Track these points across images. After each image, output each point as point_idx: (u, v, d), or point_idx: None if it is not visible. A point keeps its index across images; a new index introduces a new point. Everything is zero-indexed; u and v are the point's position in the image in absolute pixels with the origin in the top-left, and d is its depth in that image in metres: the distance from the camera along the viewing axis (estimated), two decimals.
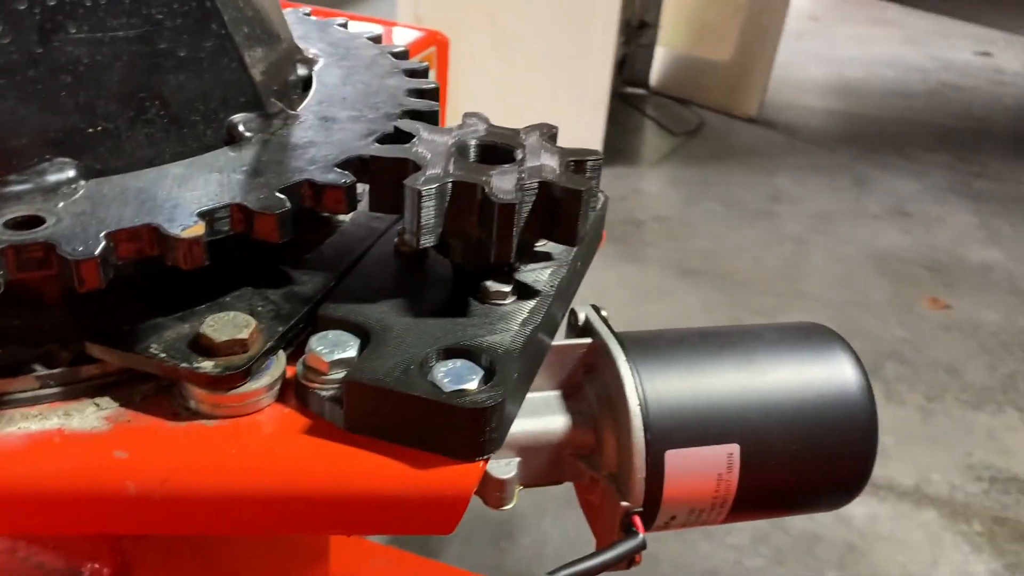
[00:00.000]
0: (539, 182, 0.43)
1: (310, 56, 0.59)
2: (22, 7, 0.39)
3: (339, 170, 0.44)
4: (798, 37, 4.37)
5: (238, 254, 0.45)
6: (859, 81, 4.06)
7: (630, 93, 3.61)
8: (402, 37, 1.21)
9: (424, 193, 0.41)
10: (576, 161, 0.46)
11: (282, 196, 0.41)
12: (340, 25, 0.66)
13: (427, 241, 0.43)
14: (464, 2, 2.95)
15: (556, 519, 1.66)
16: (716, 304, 2.40)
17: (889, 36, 4.72)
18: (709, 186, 3.03)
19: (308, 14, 0.68)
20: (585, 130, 3.02)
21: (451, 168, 0.44)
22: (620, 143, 3.23)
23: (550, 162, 0.46)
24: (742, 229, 2.79)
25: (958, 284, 2.58)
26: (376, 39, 0.64)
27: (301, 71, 0.57)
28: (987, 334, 2.38)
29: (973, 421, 2.07)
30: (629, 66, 3.53)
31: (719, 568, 1.63)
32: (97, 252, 0.36)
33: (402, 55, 0.61)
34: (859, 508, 1.79)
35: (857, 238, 2.77)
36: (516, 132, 0.49)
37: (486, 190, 0.42)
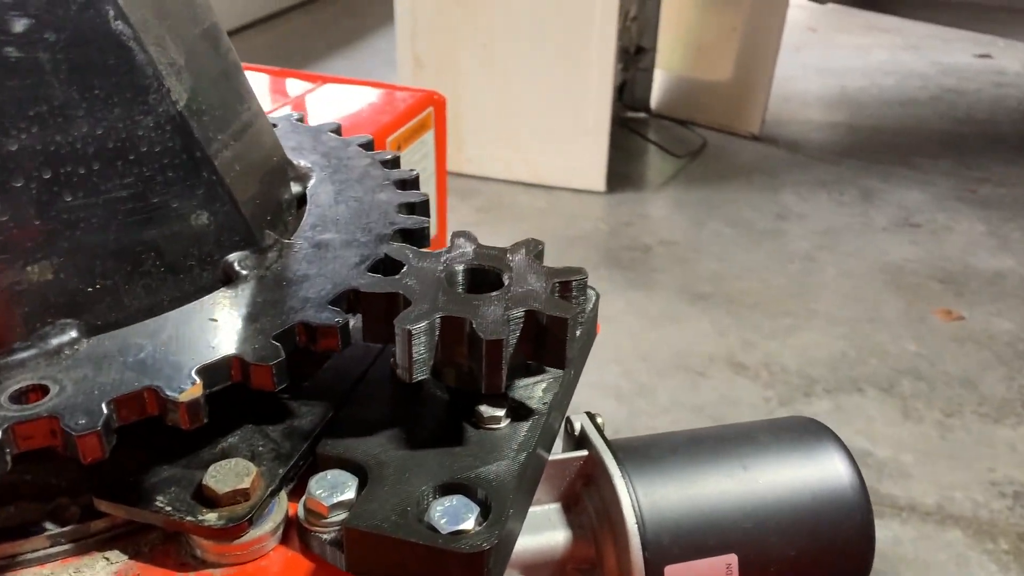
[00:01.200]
0: (525, 311, 0.44)
1: (302, 170, 0.60)
2: (19, 184, 0.41)
3: (332, 308, 0.45)
4: (796, 50, 4.38)
5: (239, 388, 0.47)
6: (860, 91, 4.06)
7: (631, 118, 3.63)
8: (401, 100, 1.24)
9: (414, 332, 0.43)
10: (562, 283, 0.47)
11: (277, 344, 0.43)
12: (332, 131, 0.68)
13: (420, 375, 0.44)
14: (461, 38, 2.98)
15: None
16: (727, 328, 2.40)
17: (888, 43, 4.72)
18: (715, 207, 3.04)
19: (300, 119, 0.70)
20: (587, 158, 3.04)
21: (440, 300, 0.45)
22: (624, 168, 3.24)
23: (536, 285, 0.47)
24: (750, 250, 2.79)
25: (970, 294, 2.57)
26: (367, 145, 0.66)
27: (295, 188, 0.58)
28: (1003, 344, 2.36)
29: (993, 435, 2.06)
30: (629, 91, 3.55)
31: None
32: (99, 426, 0.37)
33: (393, 163, 0.63)
34: (882, 531, 1.78)
35: (866, 252, 2.77)
36: (503, 252, 0.50)
37: (474, 324, 0.43)
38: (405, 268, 0.48)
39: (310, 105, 1.17)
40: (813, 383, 2.19)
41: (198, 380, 0.40)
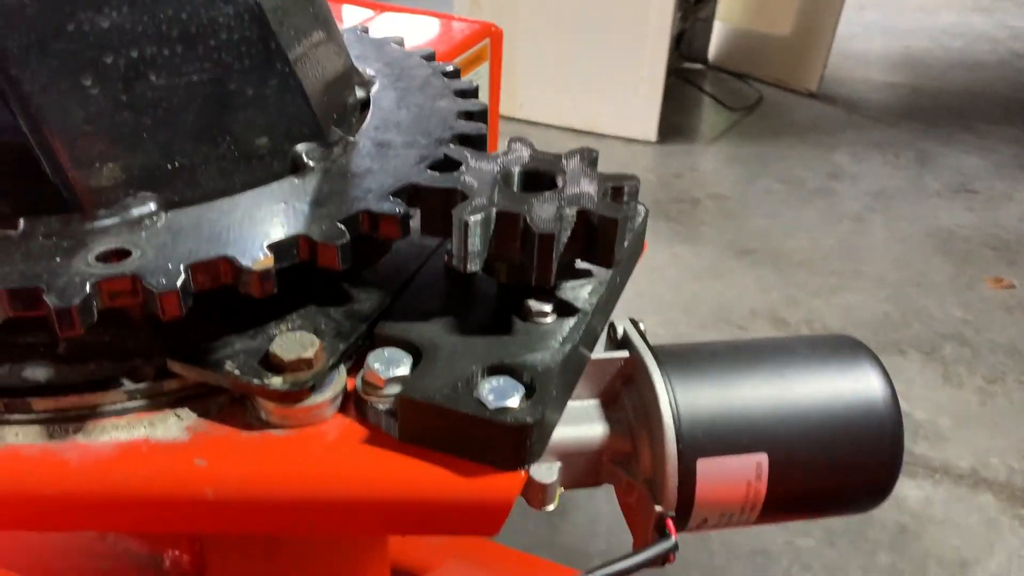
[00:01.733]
0: (578, 210, 0.46)
1: (367, 77, 0.63)
2: (109, 60, 0.43)
3: (394, 199, 0.48)
4: (860, 8, 4.27)
5: (304, 272, 0.50)
6: (924, 52, 3.96)
7: (688, 69, 3.58)
8: (458, 30, 1.25)
9: (471, 223, 0.45)
10: (614, 187, 0.49)
11: (342, 227, 0.45)
12: (396, 43, 0.70)
13: (473, 266, 0.46)
14: None
15: (609, 497, 1.69)
16: (772, 285, 2.39)
17: (958, 4, 4.58)
18: (767, 163, 3.01)
19: (365, 31, 0.72)
20: (641, 107, 3.02)
21: (496, 197, 0.47)
22: (677, 120, 3.21)
23: (589, 188, 0.49)
24: (800, 208, 2.76)
25: None
26: (429, 57, 0.67)
27: (359, 93, 0.61)
28: None
29: None
30: (687, 41, 3.50)
31: (769, 548, 1.65)
32: (178, 284, 0.40)
33: (453, 74, 0.65)
34: (913, 491, 1.79)
35: (918, 216, 2.73)
36: (558, 157, 0.52)
37: (527, 220, 0.45)
38: (463, 167, 0.50)
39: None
40: None
41: (269, 253, 0.43)
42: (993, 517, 1.75)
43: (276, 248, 0.43)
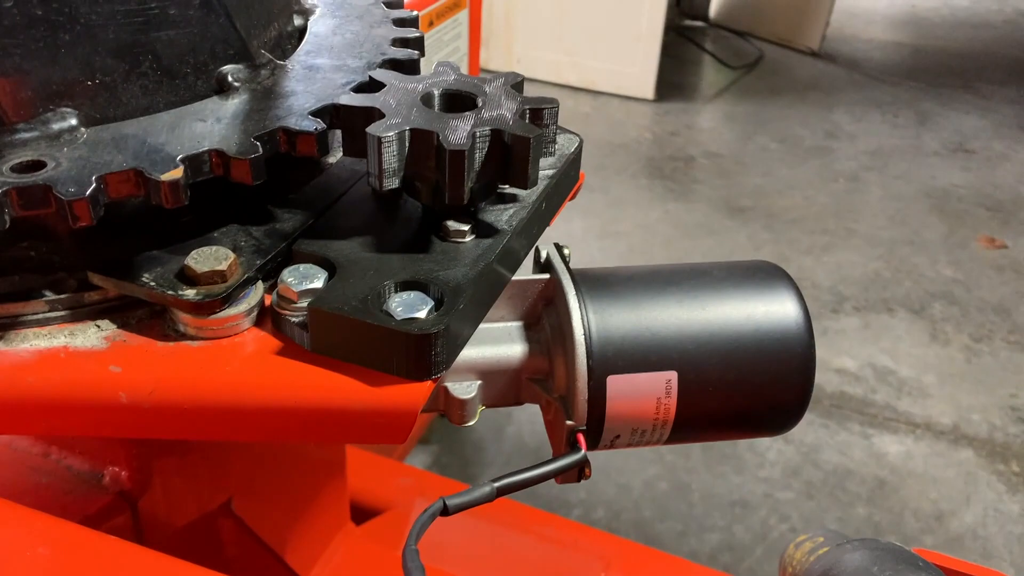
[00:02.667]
0: (491, 129, 0.47)
1: (308, 6, 0.63)
2: None
3: (313, 118, 0.49)
4: None
5: (229, 194, 0.51)
6: (930, 11, 3.91)
7: (688, 26, 3.55)
8: None
9: (384, 140, 0.46)
10: (532, 109, 0.49)
11: (256, 142, 0.46)
12: None
13: (389, 184, 0.47)
14: None
15: (594, 455, 1.70)
16: (763, 243, 2.39)
17: None
18: (764, 122, 2.99)
19: None
20: (638, 64, 3.00)
21: (412, 116, 0.48)
22: (675, 78, 3.19)
23: (507, 111, 0.49)
24: (795, 166, 2.75)
25: (1017, 223, 2.52)
26: None
27: (297, 21, 0.61)
28: None
29: (1021, 363, 2.05)
30: None
31: (749, 500, 1.67)
32: (88, 193, 0.41)
33: (395, 4, 0.65)
34: (894, 446, 1.80)
35: (914, 176, 2.72)
36: (482, 81, 0.52)
37: (440, 137, 0.46)
38: (386, 88, 0.51)
39: None
40: (843, 300, 2.19)
41: (180, 166, 0.44)
42: (972, 472, 1.77)
43: (188, 161, 0.44)
